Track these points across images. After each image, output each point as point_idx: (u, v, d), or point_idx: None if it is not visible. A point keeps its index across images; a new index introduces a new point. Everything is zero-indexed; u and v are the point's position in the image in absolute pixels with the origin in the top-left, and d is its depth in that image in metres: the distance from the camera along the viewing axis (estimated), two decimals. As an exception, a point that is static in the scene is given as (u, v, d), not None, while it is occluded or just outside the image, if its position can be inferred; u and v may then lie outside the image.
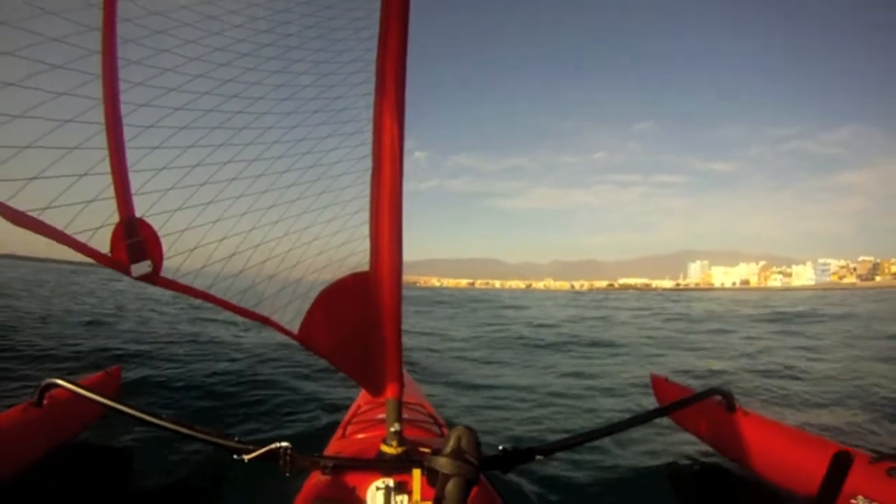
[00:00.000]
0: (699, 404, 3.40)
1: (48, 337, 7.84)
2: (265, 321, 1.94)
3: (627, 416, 2.92)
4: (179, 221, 1.73)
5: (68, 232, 1.53)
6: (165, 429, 2.03)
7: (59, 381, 2.53)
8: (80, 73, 1.55)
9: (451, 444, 1.69)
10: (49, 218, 1.51)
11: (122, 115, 1.63)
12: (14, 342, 7.14)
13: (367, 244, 2.04)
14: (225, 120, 1.81)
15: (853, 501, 2.62)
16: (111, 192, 1.62)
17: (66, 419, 3.14)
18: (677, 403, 3.30)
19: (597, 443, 3.28)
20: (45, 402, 2.83)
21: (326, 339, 2.08)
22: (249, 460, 1.91)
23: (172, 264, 1.73)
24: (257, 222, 1.88)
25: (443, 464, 1.65)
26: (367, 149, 1.98)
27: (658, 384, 4.57)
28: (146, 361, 6.60)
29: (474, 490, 1.67)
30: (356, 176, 2.00)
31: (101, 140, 1.60)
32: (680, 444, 4.35)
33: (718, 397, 3.48)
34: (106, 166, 1.61)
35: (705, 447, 3.96)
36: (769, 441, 3.26)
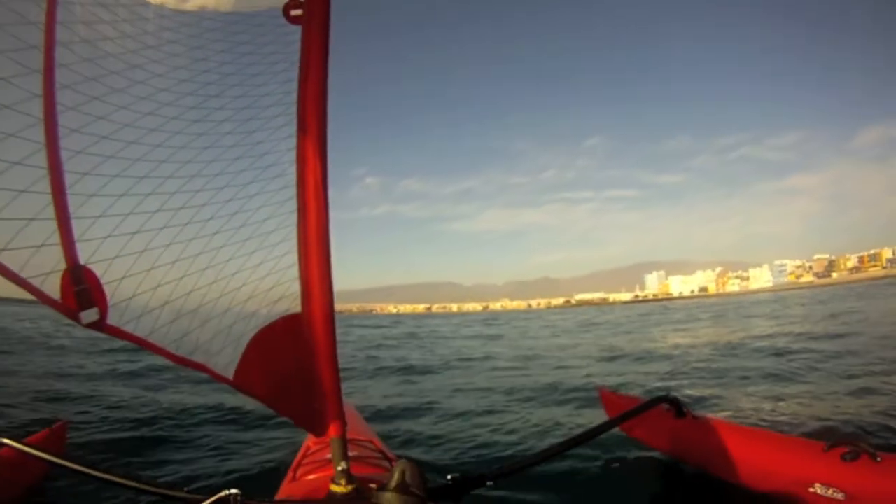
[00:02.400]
0: (649, 413, 3.55)
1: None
2: (201, 368, 1.95)
3: (578, 432, 3.06)
4: (118, 269, 1.77)
5: (23, 275, 1.56)
6: (112, 483, 1.99)
7: (3, 440, 2.37)
8: (26, 116, 1.60)
9: (396, 478, 1.80)
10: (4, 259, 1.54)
11: (62, 160, 1.66)
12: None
13: (297, 286, 2.10)
14: (152, 169, 1.87)
15: (811, 489, 2.83)
16: (57, 238, 1.66)
17: (11, 479, 3.18)
18: (626, 414, 3.43)
19: (553, 462, 3.52)
20: None
21: (261, 383, 2.10)
22: None
23: (115, 312, 1.77)
24: (187, 270, 1.92)
25: (388, 499, 1.76)
26: (292, 191, 2.08)
27: (606, 397, 4.77)
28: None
29: None
30: (282, 219, 2.08)
31: (46, 185, 1.64)
32: (634, 453, 4.58)
33: (666, 405, 3.69)
34: (51, 211, 1.64)
35: (659, 455, 4.21)
36: (722, 441, 3.45)
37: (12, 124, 1.55)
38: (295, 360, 2.13)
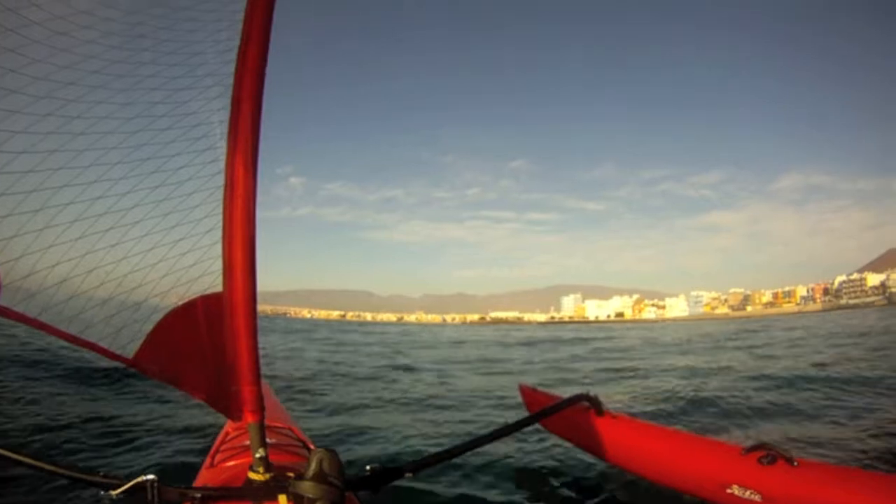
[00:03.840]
0: (568, 410, 3.75)
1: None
2: (92, 347, 1.95)
3: (498, 425, 3.12)
4: (15, 249, 1.79)
5: None
6: (26, 465, 2.01)
7: None
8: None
9: (314, 467, 1.79)
10: None
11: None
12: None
13: (219, 264, 2.02)
14: (65, 142, 1.86)
15: (728, 491, 2.99)
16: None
17: None
18: (546, 410, 3.59)
19: (471, 455, 3.81)
20: None
21: (172, 364, 2.08)
22: (116, 496, 1.87)
23: (8, 292, 1.81)
24: (92, 247, 1.90)
25: (306, 488, 1.76)
26: (220, 165, 1.99)
27: (527, 393, 4.85)
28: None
29: None
30: (207, 194, 2.00)
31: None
32: (553, 449, 4.89)
33: (586, 403, 3.84)
34: None
35: (578, 451, 4.40)
36: (640, 441, 3.66)
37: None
38: (212, 340, 2.07)
